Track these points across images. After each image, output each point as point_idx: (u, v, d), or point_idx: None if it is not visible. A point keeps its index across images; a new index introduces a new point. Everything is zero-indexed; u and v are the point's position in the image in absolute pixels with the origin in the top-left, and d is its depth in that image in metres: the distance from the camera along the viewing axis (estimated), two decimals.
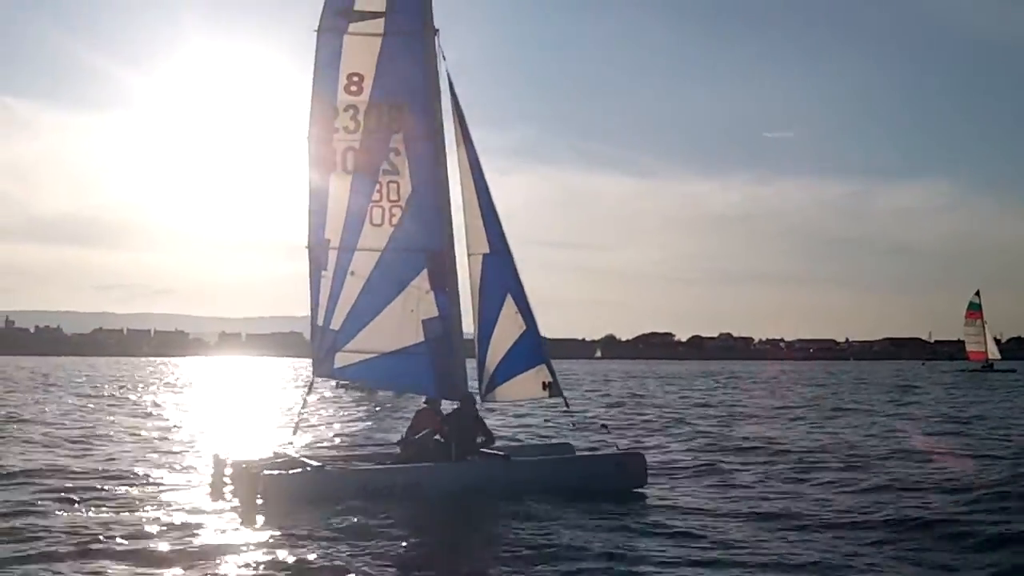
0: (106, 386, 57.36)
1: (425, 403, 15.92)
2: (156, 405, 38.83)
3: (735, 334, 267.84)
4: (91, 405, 38.06)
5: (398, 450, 15.56)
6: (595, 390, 55.36)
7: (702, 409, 38.02)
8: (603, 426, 17.69)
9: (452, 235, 15.68)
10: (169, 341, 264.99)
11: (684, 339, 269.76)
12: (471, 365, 15.95)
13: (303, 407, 15.99)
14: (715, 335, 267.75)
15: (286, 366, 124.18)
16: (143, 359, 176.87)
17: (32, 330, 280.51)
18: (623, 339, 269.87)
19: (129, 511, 13.18)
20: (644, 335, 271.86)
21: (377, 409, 35.43)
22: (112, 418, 30.75)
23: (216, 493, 14.43)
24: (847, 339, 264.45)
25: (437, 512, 13.29)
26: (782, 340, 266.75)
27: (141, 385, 60.14)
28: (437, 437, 14.88)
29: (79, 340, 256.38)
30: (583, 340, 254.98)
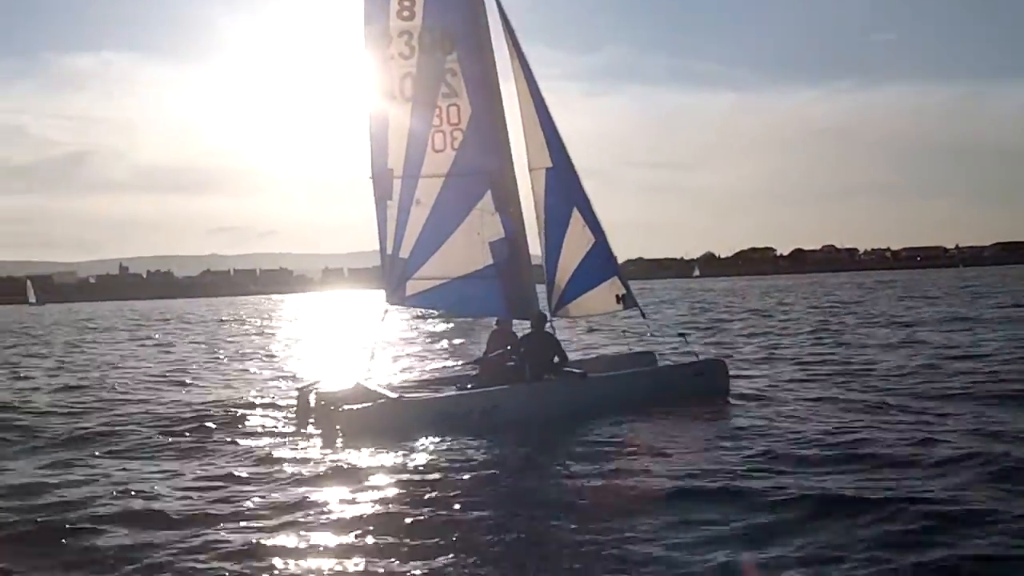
0: (208, 323, 59.31)
1: (497, 324, 16.13)
2: (258, 335, 40.03)
3: (839, 246, 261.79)
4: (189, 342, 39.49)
5: (475, 371, 15.83)
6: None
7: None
8: (681, 335, 17.61)
9: (511, 154, 15.64)
10: (274, 279, 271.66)
11: (785, 253, 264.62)
12: (541, 284, 16.03)
13: (378, 337, 16.25)
14: (818, 248, 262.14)
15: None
16: (251, 297, 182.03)
17: (144, 275, 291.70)
18: (722, 256, 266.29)
19: (214, 441, 13.67)
20: (743, 251, 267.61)
21: (456, 333, 35.84)
22: (217, 352, 31.92)
23: (301, 424, 14.77)
24: (956, 246, 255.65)
25: (515, 435, 13.27)
26: (888, 250, 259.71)
27: (240, 321, 61.96)
28: (513, 359, 14.99)
29: (189, 282, 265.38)
30: (681, 259, 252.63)
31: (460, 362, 21.03)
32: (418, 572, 7.74)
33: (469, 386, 15.14)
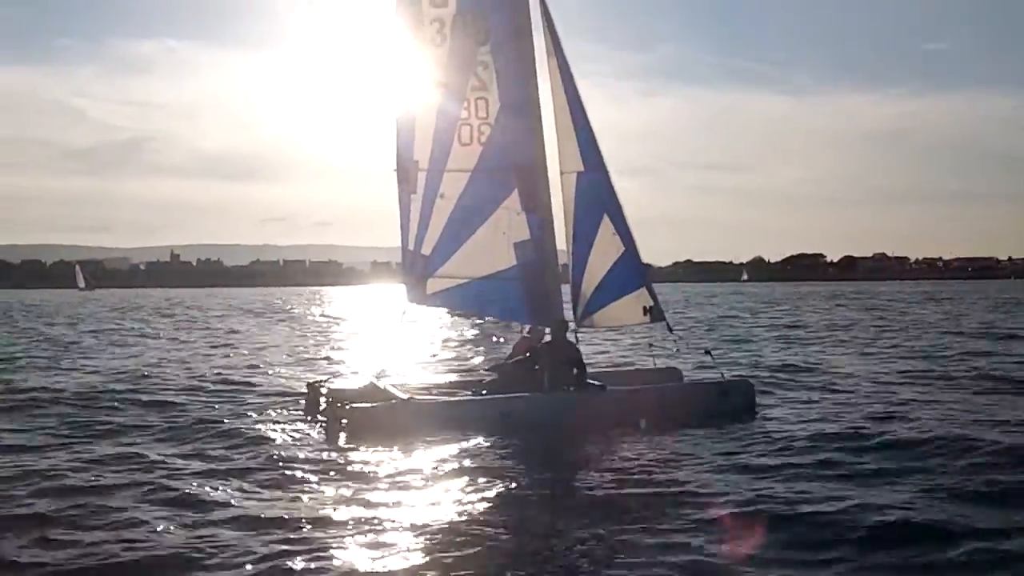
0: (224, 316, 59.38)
1: (528, 332, 15.51)
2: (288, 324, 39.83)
3: (889, 254, 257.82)
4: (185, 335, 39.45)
5: (492, 377, 15.24)
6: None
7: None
8: (706, 352, 16.56)
9: (544, 153, 14.94)
10: (323, 271, 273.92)
11: (835, 259, 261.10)
12: (566, 290, 15.38)
13: (398, 335, 15.69)
14: (868, 255, 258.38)
15: None
16: (297, 288, 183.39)
17: (194, 263, 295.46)
18: (771, 261, 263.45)
19: (220, 437, 13.31)
20: (792, 256, 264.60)
21: (480, 336, 35.22)
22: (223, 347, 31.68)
23: (310, 422, 14.38)
24: (1009, 257, 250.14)
25: (526, 444, 12.73)
26: (940, 259, 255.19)
27: (269, 313, 61.95)
28: (536, 367, 14.36)
29: (237, 272, 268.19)
30: (730, 263, 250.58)
31: (484, 365, 20.41)
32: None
33: (484, 392, 14.52)
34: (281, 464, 11.46)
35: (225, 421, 14.42)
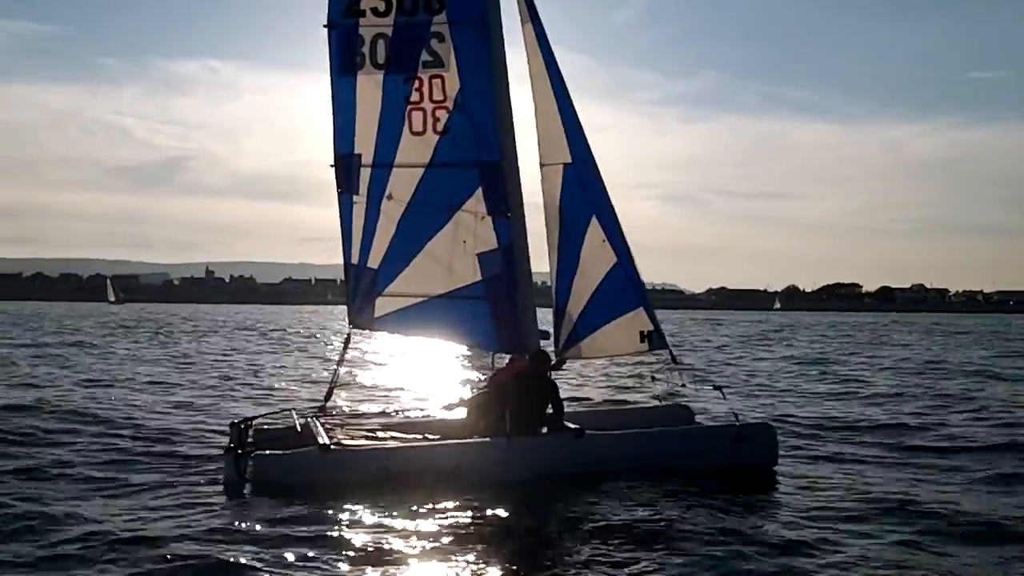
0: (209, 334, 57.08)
1: (511, 359, 12.59)
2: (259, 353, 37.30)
3: (928, 285, 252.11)
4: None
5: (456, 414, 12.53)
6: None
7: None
8: (717, 388, 13.33)
9: (514, 144, 12.24)
10: None
11: (872, 290, 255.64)
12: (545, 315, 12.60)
13: (339, 365, 12.68)
14: (907, 286, 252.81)
15: None
16: (328, 307, 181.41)
17: (227, 279, 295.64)
18: (806, 290, 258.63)
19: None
20: (828, 286, 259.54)
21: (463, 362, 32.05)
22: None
23: (226, 465, 11.62)
24: None
25: (471, 507, 9.98)
26: (980, 292, 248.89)
27: (262, 335, 59.60)
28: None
29: (268, 289, 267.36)
30: (764, 291, 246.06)
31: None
32: None
33: (439, 435, 11.79)
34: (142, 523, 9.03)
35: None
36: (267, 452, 10.75)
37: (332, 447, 10.87)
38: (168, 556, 8.07)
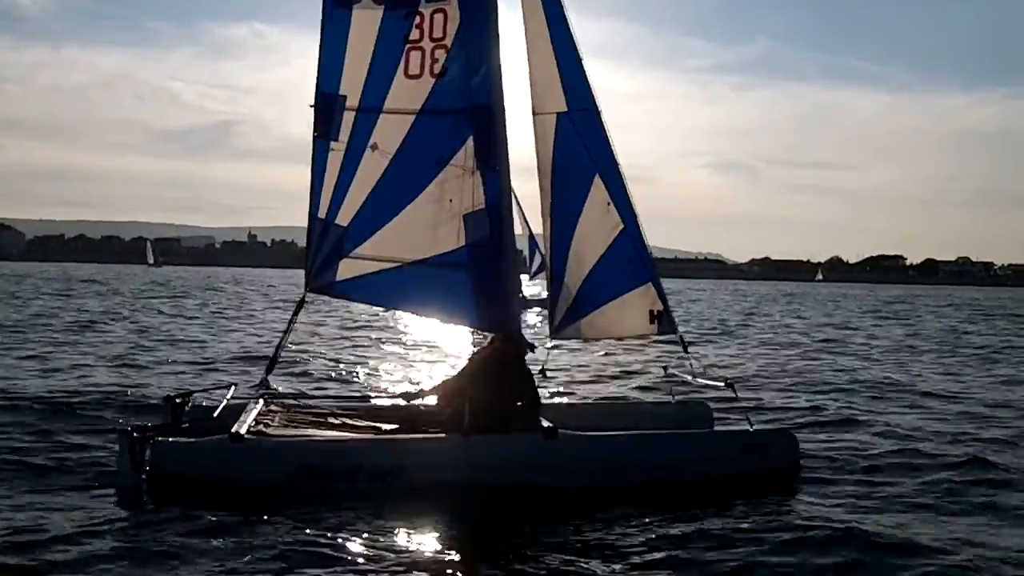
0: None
1: (493, 339, 10.83)
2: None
3: (975, 258, 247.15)
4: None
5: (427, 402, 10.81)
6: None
7: None
8: (728, 384, 11.09)
9: (502, 88, 10.55)
10: None
11: (916, 262, 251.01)
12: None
13: (286, 334, 10.94)
14: (952, 259, 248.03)
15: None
16: None
17: (268, 244, 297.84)
18: (849, 261, 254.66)
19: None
20: (871, 258, 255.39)
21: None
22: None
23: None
24: None
25: (411, 516, 8.48)
26: None
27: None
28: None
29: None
30: (807, 261, 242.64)
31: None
32: None
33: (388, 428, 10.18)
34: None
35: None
36: (168, 439, 9.11)
37: (246, 436, 9.15)
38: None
